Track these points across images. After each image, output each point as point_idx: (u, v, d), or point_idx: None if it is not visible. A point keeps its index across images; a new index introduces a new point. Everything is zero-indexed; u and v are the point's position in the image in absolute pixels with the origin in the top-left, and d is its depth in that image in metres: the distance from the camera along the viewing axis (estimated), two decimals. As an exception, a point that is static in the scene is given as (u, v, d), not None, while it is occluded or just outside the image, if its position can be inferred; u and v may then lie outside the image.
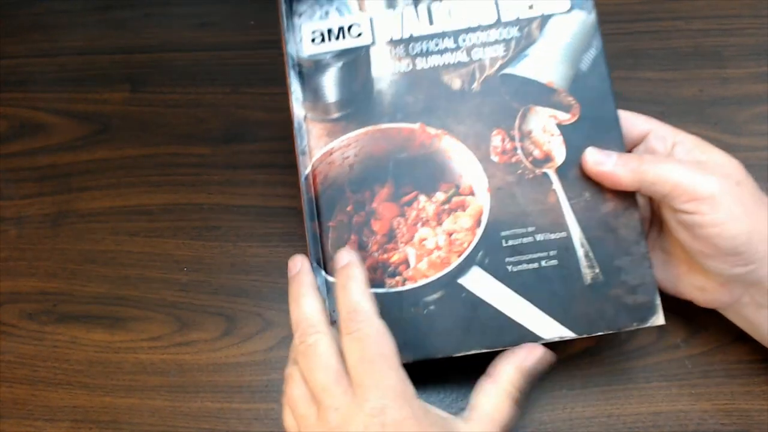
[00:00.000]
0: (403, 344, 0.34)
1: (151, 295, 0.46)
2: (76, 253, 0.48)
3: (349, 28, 0.39)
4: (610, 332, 0.36)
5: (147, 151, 0.51)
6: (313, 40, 0.39)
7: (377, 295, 0.36)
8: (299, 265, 0.36)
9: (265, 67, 0.54)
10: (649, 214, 0.40)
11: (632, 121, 0.38)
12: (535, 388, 0.40)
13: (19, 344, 0.45)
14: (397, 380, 0.32)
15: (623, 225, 0.37)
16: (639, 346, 0.41)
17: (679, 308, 0.41)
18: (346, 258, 0.35)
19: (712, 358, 0.41)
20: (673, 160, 0.35)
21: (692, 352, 0.41)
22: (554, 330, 0.36)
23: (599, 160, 0.36)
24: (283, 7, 0.40)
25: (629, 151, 0.38)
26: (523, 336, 0.36)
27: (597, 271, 0.36)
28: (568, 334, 0.36)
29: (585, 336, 0.36)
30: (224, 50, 0.55)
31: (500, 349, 0.36)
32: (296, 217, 0.47)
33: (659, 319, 0.36)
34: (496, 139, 0.38)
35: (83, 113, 0.53)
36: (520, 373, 0.34)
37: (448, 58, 0.38)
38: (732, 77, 0.49)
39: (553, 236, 0.37)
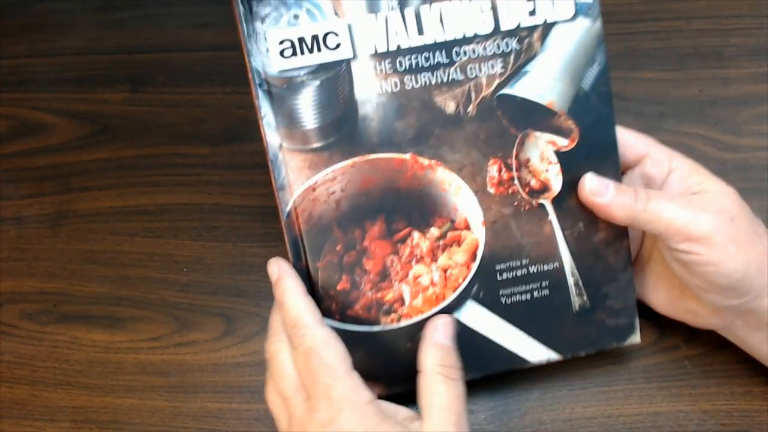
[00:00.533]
0: (399, 376, 0.35)
1: (151, 295, 0.46)
2: (76, 253, 0.48)
3: (325, 37, 0.33)
4: (592, 352, 0.38)
5: (147, 151, 0.51)
6: (282, 53, 0.33)
7: (373, 334, 0.35)
8: (276, 271, 0.34)
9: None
10: (640, 237, 0.40)
11: (630, 142, 0.37)
12: (534, 389, 0.40)
13: (19, 344, 0.45)
14: (345, 389, 0.31)
15: (613, 253, 0.37)
16: (639, 347, 0.41)
17: (679, 308, 0.41)
18: (276, 271, 0.34)
19: (712, 358, 0.41)
20: (667, 198, 0.34)
21: (692, 352, 0.41)
22: (541, 354, 0.37)
23: (596, 191, 0.34)
24: (240, 9, 0.33)
25: (623, 172, 0.37)
26: (511, 360, 0.37)
27: (585, 298, 0.37)
28: (554, 356, 0.37)
29: (570, 357, 0.38)
30: (224, 50, 0.55)
31: (490, 374, 0.37)
32: (296, 217, 0.47)
33: (636, 338, 0.38)
34: (493, 169, 0.35)
35: (83, 113, 0.53)
36: (439, 350, 0.33)
37: (441, 76, 0.34)
38: (732, 77, 0.49)
39: (546, 267, 0.36)
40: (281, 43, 0.33)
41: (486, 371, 0.37)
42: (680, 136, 0.47)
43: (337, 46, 0.33)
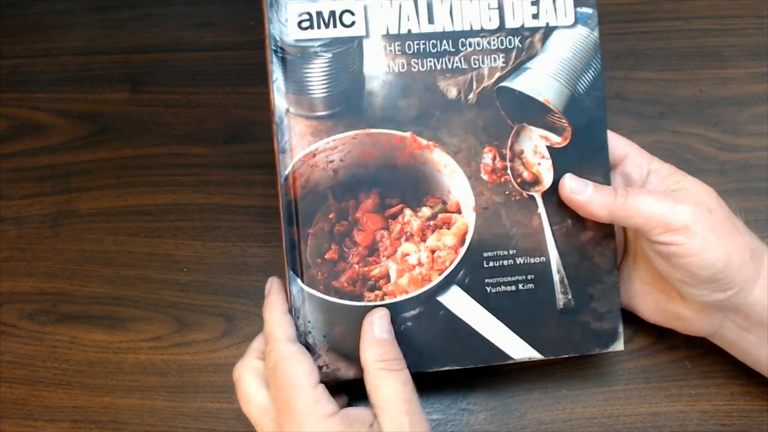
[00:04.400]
0: None
1: (151, 295, 0.46)
2: (76, 253, 0.48)
3: (342, 14, 0.35)
4: (575, 356, 0.38)
5: (147, 151, 0.51)
6: (299, 24, 0.35)
7: (355, 308, 0.36)
8: (268, 286, 0.37)
9: (266, 67, 0.54)
10: (623, 243, 0.40)
11: (613, 143, 0.38)
12: (534, 389, 0.40)
13: (19, 344, 0.45)
14: (306, 403, 0.32)
15: (599, 254, 0.37)
16: (639, 347, 0.41)
17: (679, 308, 0.41)
18: (267, 287, 0.36)
19: (712, 358, 0.41)
20: (645, 192, 0.35)
21: (692, 352, 0.41)
22: (524, 351, 0.37)
23: (575, 189, 0.36)
24: None
25: None
26: (493, 354, 0.37)
27: (569, 297, 0.37)
28: (536, 355, 0.37)
29: (552, 358, 0.37)
30: (224, 50, 0.55)
31: (471, 367, 0.37)
32: (296, 217, 0.47)
33: (620, 345, 0.37)
34: (488, 157, 0.37)
35: (83, 113, 0.53)
36: (378, 346, 0.34)
37: (446, 63, 0.36)
38: (732, 77, 0.49)
39: (532, 260, 0.37)
40: (300, 15, 0.35)
41: (467, 363, 0.37)
42: (680, 136, 0.47)
43: (352, 23, 0.35)
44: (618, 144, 0.38)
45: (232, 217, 0.48)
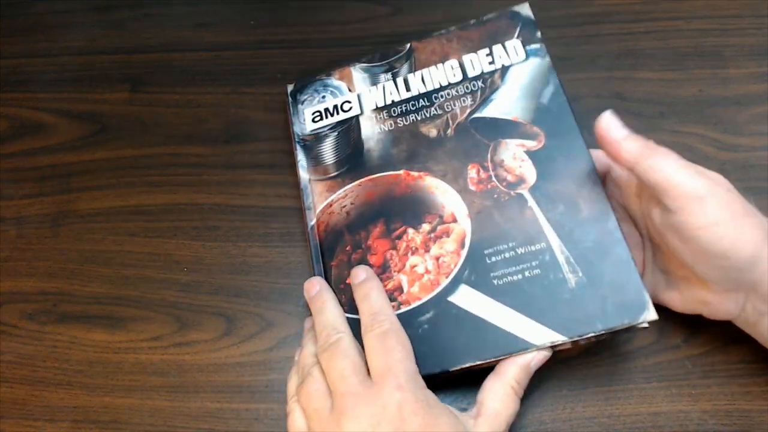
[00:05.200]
0: None
1: (151, 295, 0.46)
2: (76, 253, 0.48)
3: (342, 105, 0.46)
4: (603, 333, 0.36)
5: (147, 151, 0.51)
6: (313, 120, 0.47)
7: None
8: (318, 286, 0.40)
9: (265, 67, 0.54)
10: (641, 240, 0.40)
11: (597, 156, 0.40)
12: (534, 389, 0.40)
13: (19, 344, 0.45)
14: (414, 369, 0.35)
15: (600, 230, 0.38)
16: (639, 346, 0.41)
17: (679, 308, 0.41)
18: (363, 274, 0.39)
19: (712, 358, 0.41)
20: (673, 155, 0.35)
21: (692, 352, 0.41)
22: (544, 336, 0.37)
23: (612, 126, 0.36)
24: (290, 100, 0.48)
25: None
26: (512, 343, 0.37)
27: (580, 274, 0.37)
28: (558, 338, 0.36)
29: (577, 338, 0.36)
30: (224, 50, 0.55)
31: (493, 360, 0.37)
32: (296, 217, 0.47)
33: (651, 314, 0.36)
34: (472, 172, 0.42)
35: (83, 113, 0.53)
36: (524, 371, 0.36)
37: (425, 114, 0.44)
38: (732, 77, 0.49)
39: (533, 248, 0.38)
40: (313, 113, 0.47)
41: (488, 355, 0.37)
42: (680, 136, 0.47)
43: (350, 108, 0.46)
44: (598, 156, 0.40)
45: (232, 217, 0.48)
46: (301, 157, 0.46)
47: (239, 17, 0.56)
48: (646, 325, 0.36)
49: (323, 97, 0.47)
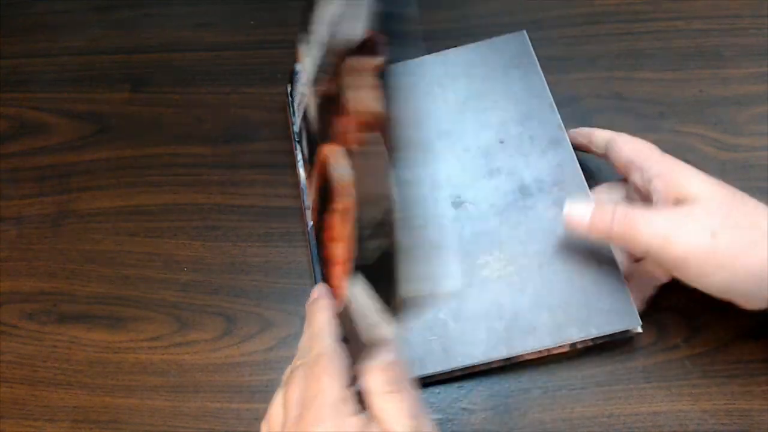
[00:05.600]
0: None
1: (151, 295, 0.46)
2: (76, 253, 0.48)
3: None
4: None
5: (147, 151, 0.51)
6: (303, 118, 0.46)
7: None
8: (316, 295, 0.37)
9: (265, 67, 0.54)
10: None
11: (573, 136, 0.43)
12: (534, 389, 0.40)
13: (19, 344, 0.45)
14: (336, 398, 0.31)
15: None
16: (639, 346, 0.41)
17: (679, 308, 0.41)
18: (317, 292, 0.37)
19: (712, 358, 0.41)
20: (643, 220, 0.35)
21: (692, 352, 0.41)
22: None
23: (573, 213, 0.37)
24: (290, 100, 0.49)
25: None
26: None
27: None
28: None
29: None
30: (224, 50, 0.55)
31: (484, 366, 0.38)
32: (296, 216, 0.47)
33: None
34: None
35: (83, 113, 0.53)
36: (383, 372, 0.32)
37: None
38: (732, 77, 0.49)
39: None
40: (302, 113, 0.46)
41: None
42: (680, 136, 0.47)
43: None
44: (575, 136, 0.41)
45: (232, 217, 0.48)
46: (299, 155, 0.46)
47: (239, 17, 0.56)
48: (639, 330, 0.38)
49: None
